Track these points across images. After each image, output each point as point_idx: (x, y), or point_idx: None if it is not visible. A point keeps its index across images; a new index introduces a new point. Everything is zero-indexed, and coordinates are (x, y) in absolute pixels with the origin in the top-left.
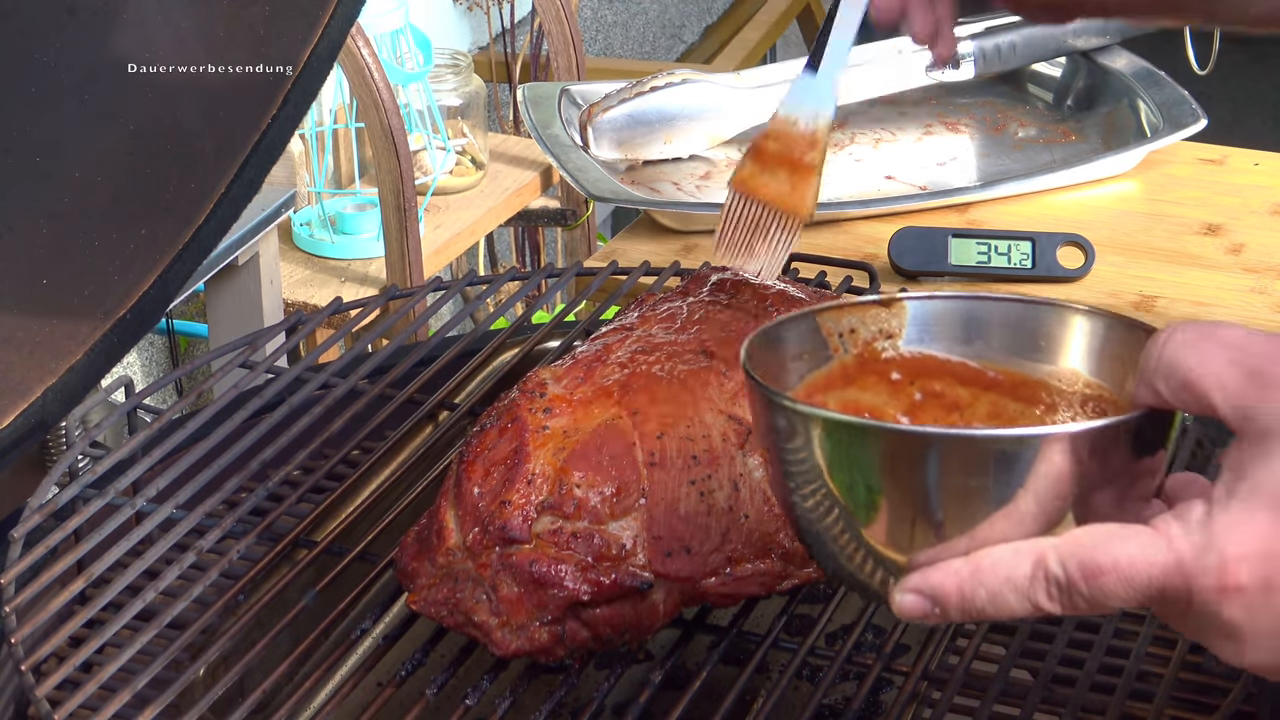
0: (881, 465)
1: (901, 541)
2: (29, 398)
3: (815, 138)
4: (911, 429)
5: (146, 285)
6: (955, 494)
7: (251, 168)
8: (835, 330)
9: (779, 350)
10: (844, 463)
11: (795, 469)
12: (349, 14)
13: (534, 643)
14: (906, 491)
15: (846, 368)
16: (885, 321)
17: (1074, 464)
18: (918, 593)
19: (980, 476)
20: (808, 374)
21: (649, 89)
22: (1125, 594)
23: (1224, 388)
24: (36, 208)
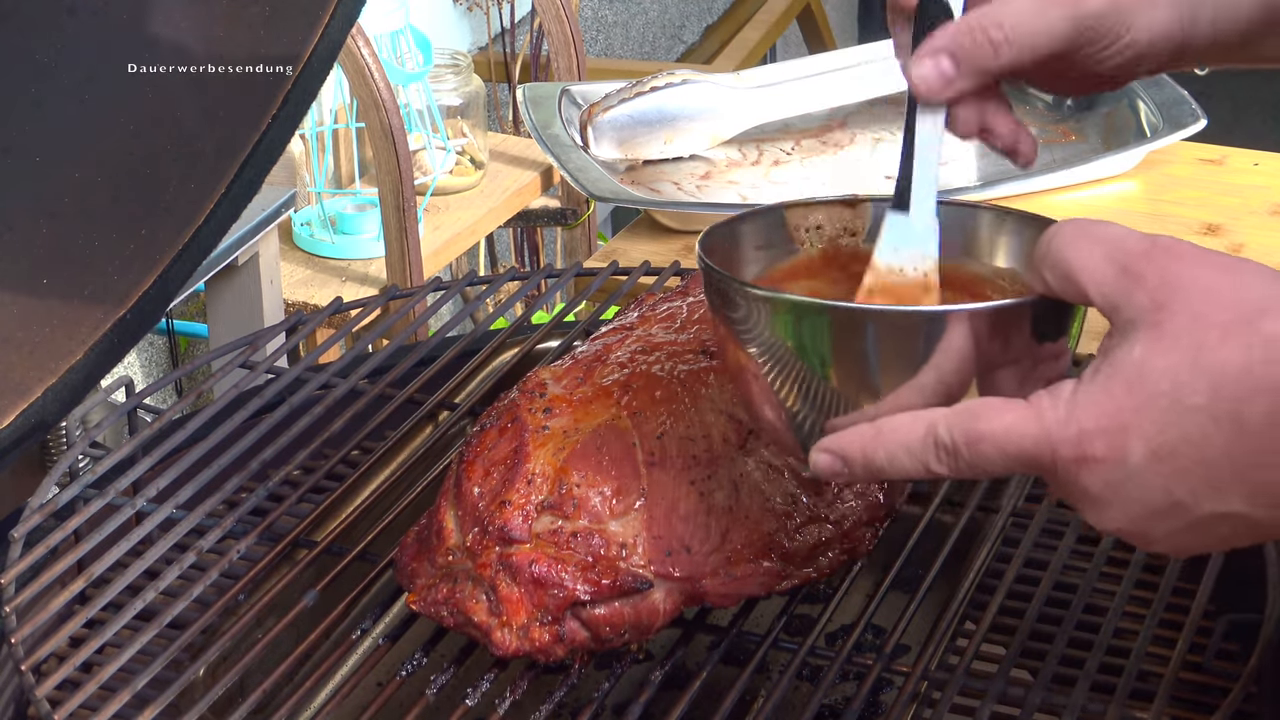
0: (804, 336)
1: (822, 406)
2: (29, 398)
3: (928, 281)
4: (825, 303)
5: (146, 285)
6: (867, 365)
7: (251, 168)
8: (802, 225)
9: (740, 241)
10: (775, 333)
11: (738, 337)
12: (349, 14)
13: (534, 643)
14: (827, 360)
15: (811, 260)
16: (850, 220)
17: (973, 342)
18: (829, 452)
19: (889, 350)
20: (772, 264)
21: (649, 89)
22: (1001, 460)
23: (1097, 281)
24: (36, 208)
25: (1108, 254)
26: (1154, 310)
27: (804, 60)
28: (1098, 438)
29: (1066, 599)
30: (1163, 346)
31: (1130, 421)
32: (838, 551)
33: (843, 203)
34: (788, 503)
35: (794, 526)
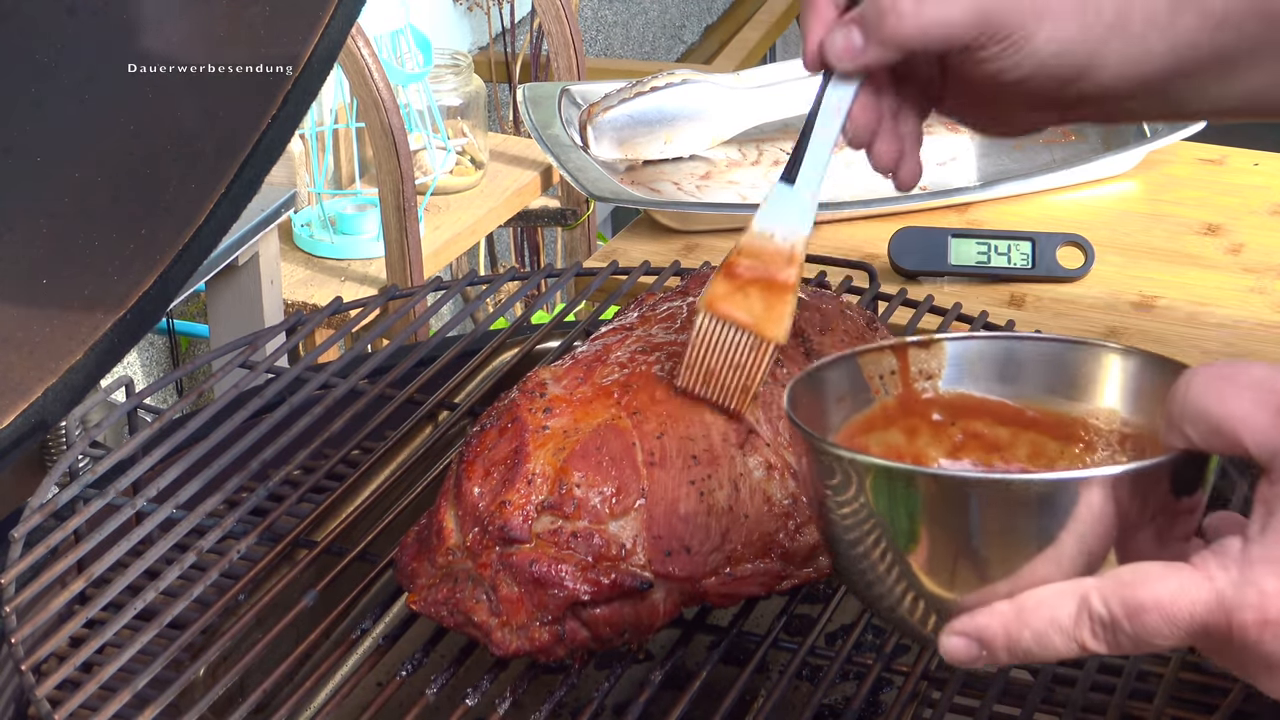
0: (924, 510)
1: (946, 584)
2: (29, 398)
3: (793, 254)
4: (952, 473)
5: (146, 285)
6: (997, 537)
7: (251, 168)
8: (876, 372)
9: (822, 393)
10: (888, 507)
11: (840, 513)
12: (349, 14)
13: (534, 643)
14: (949, 535)
15: (888, 409)
16: (925, 362)
17: (1113, 506)
18: (964, 635)
19: (1022, 520)
20: (850, 417)
21: (649, 89)
22: (1169, 631)
23: (1252, 430)
24: (36, 208)
25: (1259, 400)
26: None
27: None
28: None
29: None
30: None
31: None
32: None
33: (917, 345)
34: (788, 503)
35: (794, 526)
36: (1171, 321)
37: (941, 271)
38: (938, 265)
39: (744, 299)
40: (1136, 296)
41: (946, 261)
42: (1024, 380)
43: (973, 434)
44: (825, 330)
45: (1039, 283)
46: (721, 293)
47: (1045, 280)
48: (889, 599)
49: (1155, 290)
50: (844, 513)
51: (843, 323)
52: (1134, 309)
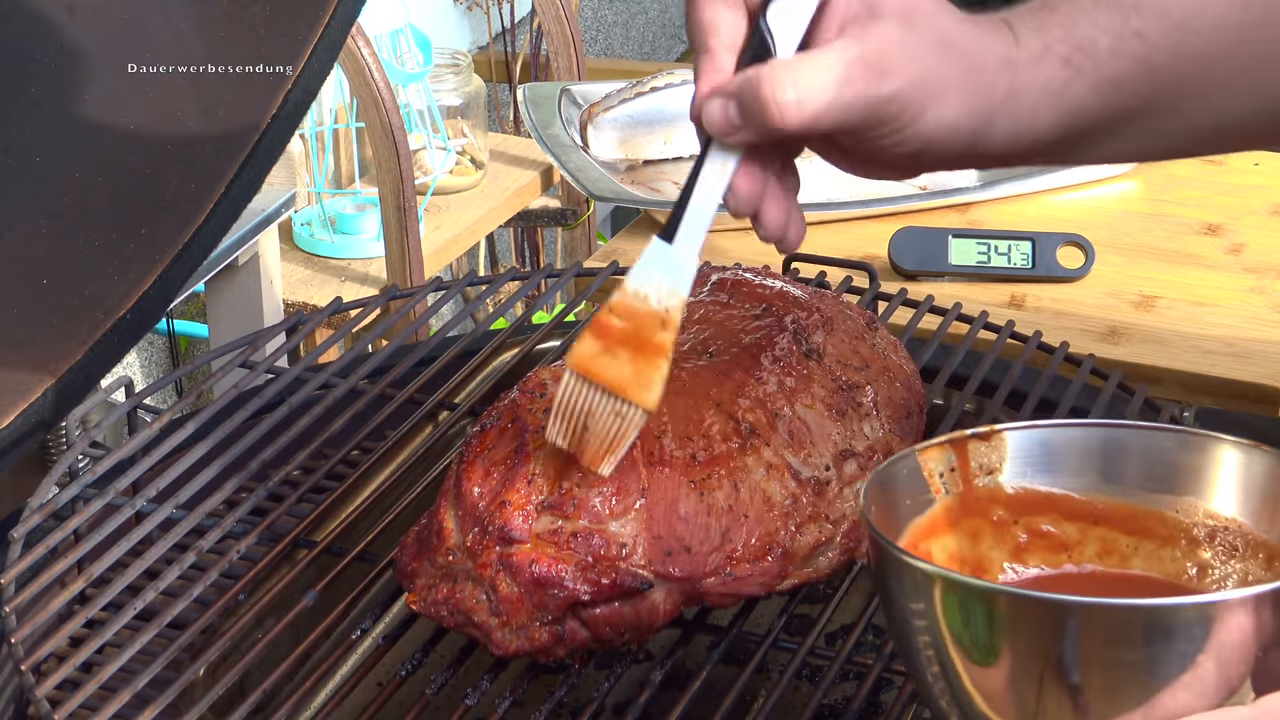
0: (1030, 640)
1: (1076, 714)
2: (29, 398)
3: (667, 317)
4: (1064, 599)
5: (146, 285)
6: (1114, 667)
7: (251, 168)
8: (936, 470)
9: (890, 495)
10: (989, 634)
11: (926, 638)
12: (349, 14)
13: (534, 643)
14: (1057, 667)
15: (949, 510)
16: (985, 456)
17: (1255, 626)
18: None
19: (1147, 647)
20: (912, 519)
21: (649, 89)
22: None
23: None
24: (36, 208)
25: None
26: None
27: None
28: None
29: None
30: None
31: None
32: (838, 551)
33: (976, 437)
34: (788, 503)
35: (794, 526)
36: (1171, 321)
37: (941, 271)
38: (938, 265)
39: (613, 361)
40: (1136, 296)
41: (946, 261)
42: (1092, 470)
43: (1037, 532)
44: (825, 330)
45: (1039, 283)
46: (590, 352)
47: (1045, 280)
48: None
49: (1155, 290)
50: (922, 631)
51: (843, 323)
52: (1134, 309)
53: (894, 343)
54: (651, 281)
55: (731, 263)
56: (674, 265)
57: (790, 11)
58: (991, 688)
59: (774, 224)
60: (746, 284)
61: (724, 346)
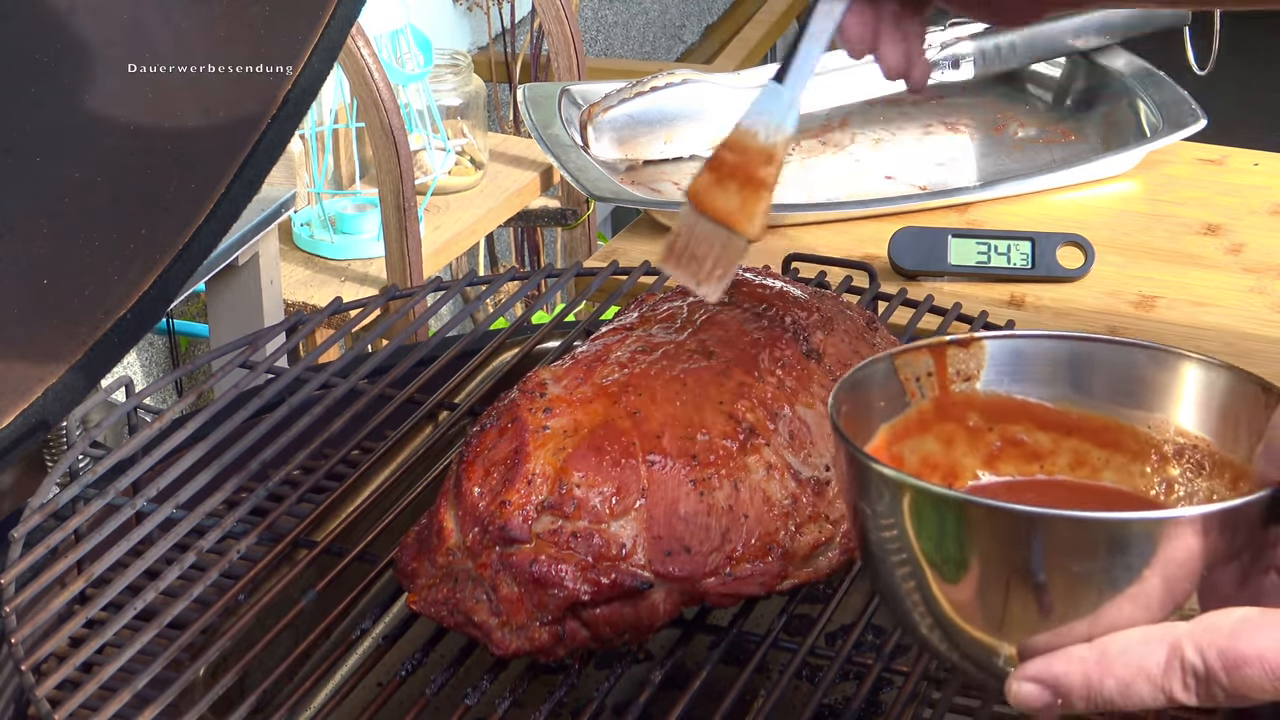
0: (995, 547)
1: (1013, 624)
2: (29, 398)
3: (773, 152)
4: (1028, 510)
5: (146, 285)
6: (1075, 577)
7: (251, 168)
8: (912, 374)
9: (863, 397)
10: (969, 541)
11: (910, 549)
12: (349, 14)
13: (534, 643)
14: (1021, 573)
15: (924, 414)
16: (963, 363)
17: (1203, 544)
18: (1038, 681)
19: (1107, 558)
20: (886, 422)
21: (649, 89)
22: (1270, 685)
23: None
24: (36, 208)
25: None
26: None
27: None
28: None
29: None
30: None
31: None
32: (838, 551)
33: (955, 344)
34: (788, 503)
35: (794, 526)
36: (1171, 321)
37: (941, 271)
38: (938, 265)
39: (723, 193)
40: (1136, 296)
41: (946, 261)
42: (1069, 382)
43: (1011, 440)
44: (825, 330)
45: (1039, 283)
46: (704, 185)
47: (1045, 280)
48: (946, 639)
49: (1155, 290)
50: (887, 535)
51: (842, 323)
52: (1134, 309)
53: (894, 343)
54: (760, 119)
55: None
56: (781, 104)
57: None
58: (958, 592)
59: (892, 63)
60: (746, 284)
61: (724, 346)
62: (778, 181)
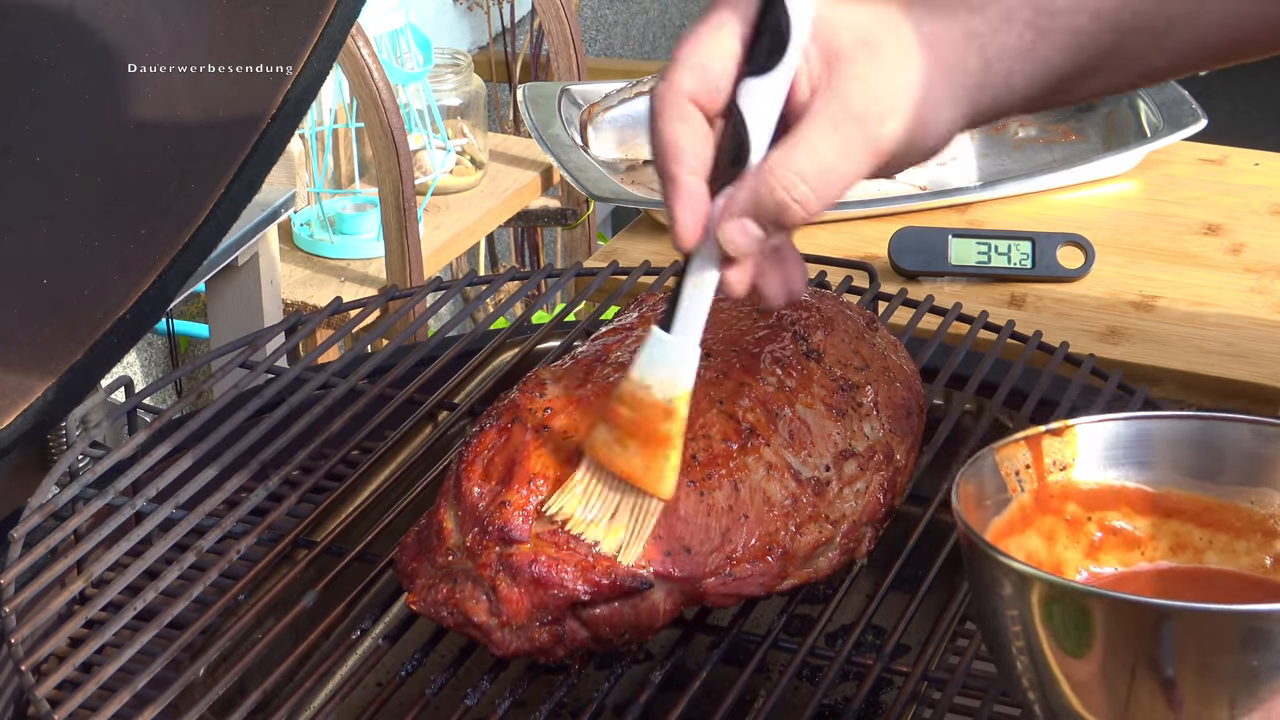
0: (1123, 641)
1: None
2: (29, 398)
3: (670, 408)
4: (1158, 603)
5: (146, 285)
6: (1207, 671)
7: (251, 168)
8: (1012, 468)
9: (978, 492)
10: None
11: (1023, 640)
12: (349, 14)
13: (534, 643)
14: (1149, 667)
15: (1025, 508)
16: (1058, 451)
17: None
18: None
19: (1240, 653)
20: (992, 519)
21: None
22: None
23: None
24: (36, 208)
25: None
26: None
27: None
28: None
29: None
30: None
31: None
32: (838, 551)
33: (1050, 433)
34: (788, 503)
35: (794, 526)
36: (1172, 321)
37: (941, 271)
38: (938, 265)
39: (624, 451)
40: (1136, 296)
41: (946, 261)
42: (1164, 464)
43: (1110, 530)
44: (825, 330)
45: (1039, 283)
46: (603, 441)
47: (1045, 280)
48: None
49: (1155, 290)
50: (1013, 629)
51: (843, 323)
52: (1134, 309)
53: (894, 343)
54: (653, 372)
55: None
56: (675, 355)
57: (762, 94)
58: (1083, 683)
59: (774, 296)
60: None
61: (724, 346)
62: (683, 435)
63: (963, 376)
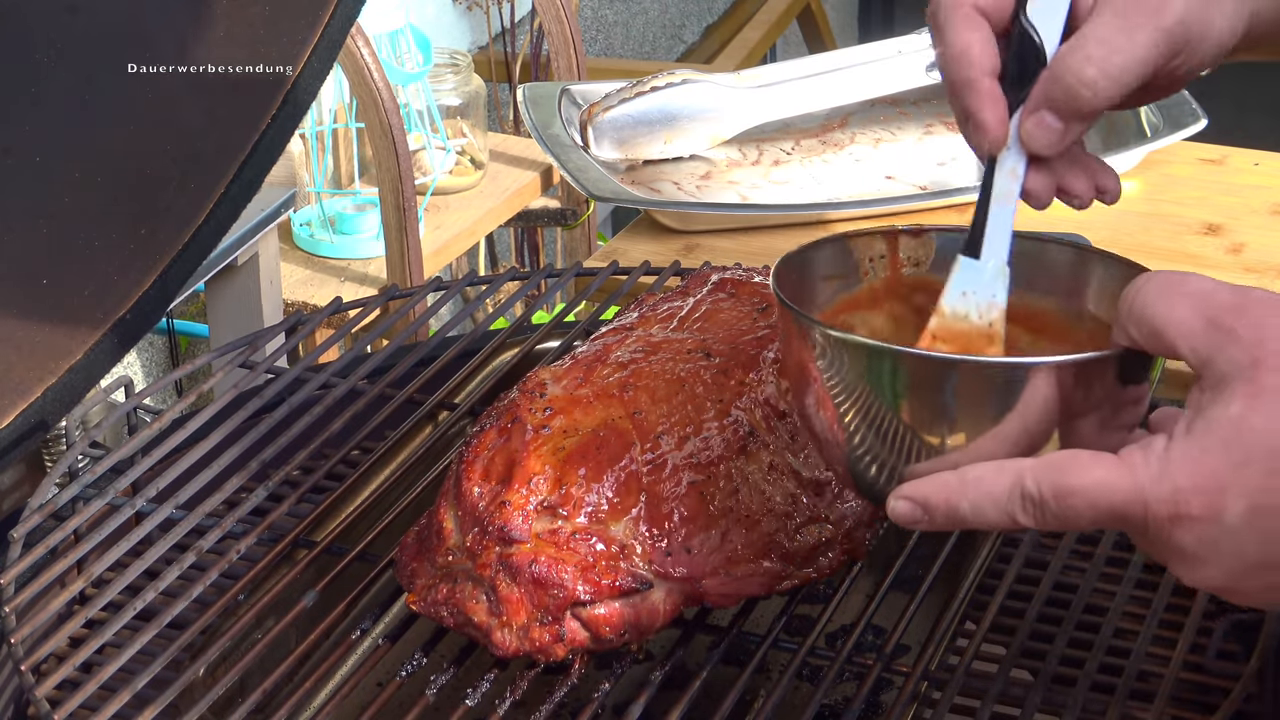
0: (886, 382)
1: (901, 452)
2: (29, 398)
3: (993, 331)
4: (914, 351)
5: (146, 285)
6: (951, 413)
7: (251, 168)
8: (866, 255)
9: (808, 271)
10: (854, 377)
11: (820, 384)
12: (349, 14)
13: (534, 643)
14: (908, 407)
15: (875, 291)
16: (914, 250)
17: (1058, 393)
18: (909, 500)
19: (975, 400)
20: (838, 294)
21: (649, 89)
22: (1090, 515)
23: (1187, 336)
24: (36, 208)
25: (1196, 308)
26: (1250, 366)
27: (804, 60)
28: (1194, 496)
29: (1066, 599)
30: (1261, 403)
31: (1228, 480)
32: (838, 551)
33: (908, 232)
34: (788, 503)
35: (794, 526)
36: None
37: None
38: None
39: None
40: None
41: None
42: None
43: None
44: None
45: None
46: None
47: None
48: (851, 461)
49: None
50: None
51: None
52: None
53: None
54: (968, 299)
55: (732, 262)
56: (985, 279)
57: (1049, 3)
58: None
59: (1084, 193)
60: (747, 284)
61: (724, 346)
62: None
63: None
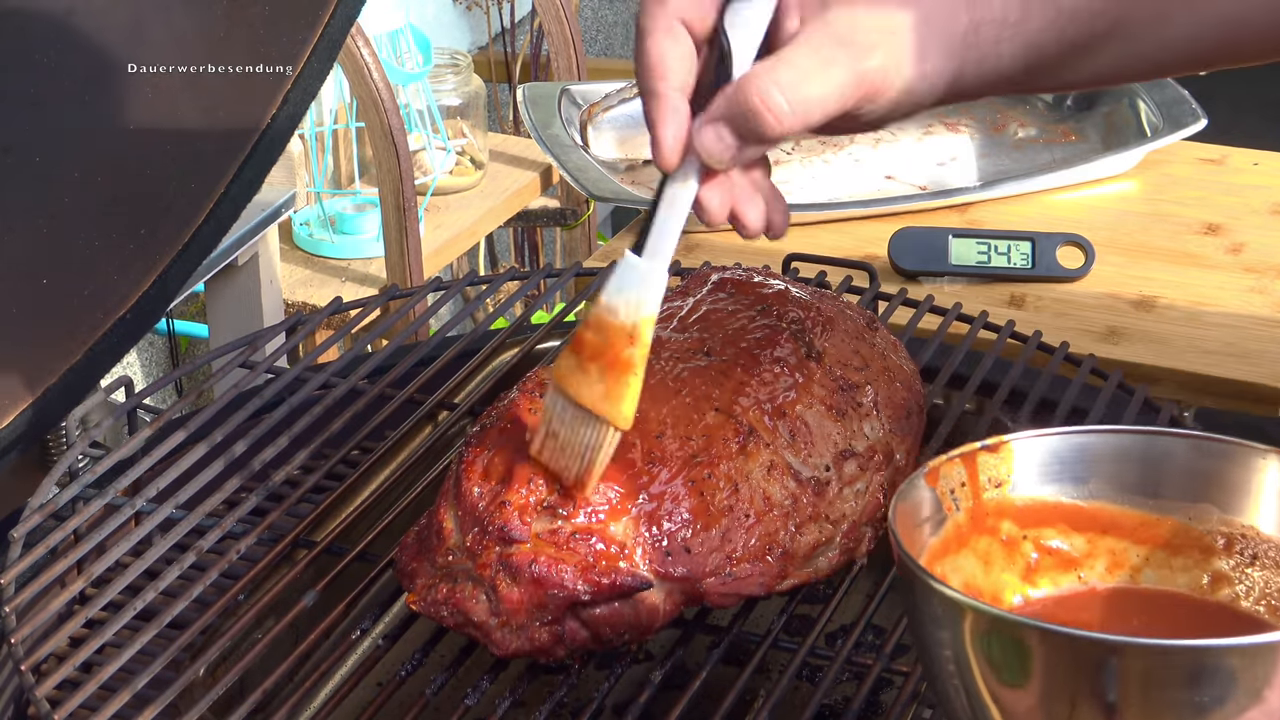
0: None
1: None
2: (29, 398)
3: (635, 332)
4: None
5: (146, 285)
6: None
7: (251, 168)
8: (947, 487)
9: (915, 512)
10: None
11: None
12: (349, 14)
13: (534, 643)
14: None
15: (960, 527)
16: (994, 468)
17: None
18: None
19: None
20: (929, 540)
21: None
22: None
23: None
24: (36, 208)
25: None
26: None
27: None
28: None
29: None
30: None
31: None
32: (838, 552)
33: (985, 449)
34: (788, 503)
35: (794, 526)
36: (1172, 321)
37: (941, 271)
38: (938, 265)
39: (585, 378)
40: (1136, 296)
41: (946, 261)
42: (1100, 478)
43: (1045, 549)
44: (826, 330)
45: (1039, 283)
46: (566, 369)
47: (1045, 280)
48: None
49: (1155, 290)
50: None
51: (843, 323)
52: (1134, 309)
53: (894, 343)
54: (620, 296)
55: (732, 262)
56: (640, 279)
57: (747, 19)
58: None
59: (753, 224)
60: (746, 283)
61: (724, 346)
62: (644, 362)
63: (963, 376)
